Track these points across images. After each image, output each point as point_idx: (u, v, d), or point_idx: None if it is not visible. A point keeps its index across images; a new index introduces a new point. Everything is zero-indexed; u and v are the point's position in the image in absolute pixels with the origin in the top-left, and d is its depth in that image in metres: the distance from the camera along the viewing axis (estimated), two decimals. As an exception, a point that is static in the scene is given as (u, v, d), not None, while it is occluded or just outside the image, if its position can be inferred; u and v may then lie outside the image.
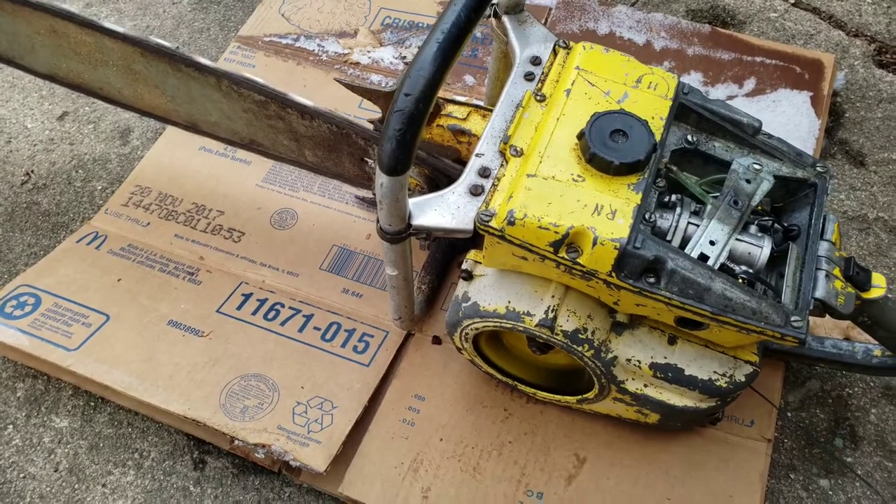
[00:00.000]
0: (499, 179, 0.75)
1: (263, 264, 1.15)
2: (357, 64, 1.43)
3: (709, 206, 0.78)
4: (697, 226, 0.76)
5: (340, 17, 1.50)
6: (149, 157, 1.37)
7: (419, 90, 0.61)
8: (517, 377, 0.96)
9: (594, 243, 0.69)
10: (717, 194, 0.79)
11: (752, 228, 0.79)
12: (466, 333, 0.87)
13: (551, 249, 0.71)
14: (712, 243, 0.75)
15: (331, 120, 1.00)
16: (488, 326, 0.83)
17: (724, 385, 0.79)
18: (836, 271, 0.78)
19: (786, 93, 1.24)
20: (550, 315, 0.78)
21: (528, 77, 0.83)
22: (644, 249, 0.69)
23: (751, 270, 0.76)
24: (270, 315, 1.08)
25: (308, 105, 0.99)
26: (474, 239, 0.87)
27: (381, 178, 0.64)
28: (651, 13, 1.37)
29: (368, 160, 1.04)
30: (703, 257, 0.74)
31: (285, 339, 1.06)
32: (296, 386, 1.01)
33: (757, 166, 0.81)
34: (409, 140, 0.62)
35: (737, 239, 0.76)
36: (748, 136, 0.82)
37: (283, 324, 1.08)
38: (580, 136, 0.73)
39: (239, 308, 1.09)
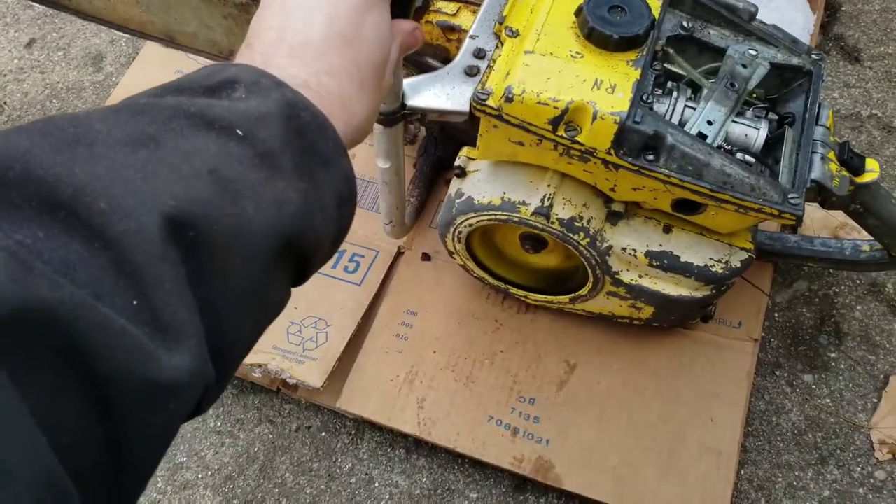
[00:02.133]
0: (494, 60, 0.72)
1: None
2: None
3: (705, 90, 0.76)
4: (694, 109, 0.74)
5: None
6: (124, 83, 1.31)
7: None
8: (509, 280, 0.94)
9: (594, 118, 0.66)
10: (714, 80, 0.77)
11: (749, 113, 0.77)
12: (459, 232, 0.84)
13: (550, 127, 0.68)
14: (710, 123, 0.73)
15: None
16: (482, 221, 0.81)
17: (720, 271, 0.78)
18: (831, 155, 0.77)
19: (781, -15, 1.21)
20: (546, 203, 0.76)
21: (521, -39, 0.79)
22: (644, 124, 0.67)
23: (748, 153, 0.74)
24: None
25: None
26: (466, 141, 0.84)
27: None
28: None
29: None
30: (702, 136, 0.72)
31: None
32: (289, 307, 0.97)
33: (753, 52, 0.79)
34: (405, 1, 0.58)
35: (733, 121, 0.75)
36: (744, 21, 0.80)
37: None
38: (578, 11, 0.70)
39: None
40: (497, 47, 0.73)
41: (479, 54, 0.73)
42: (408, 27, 0.54)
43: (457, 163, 0.83)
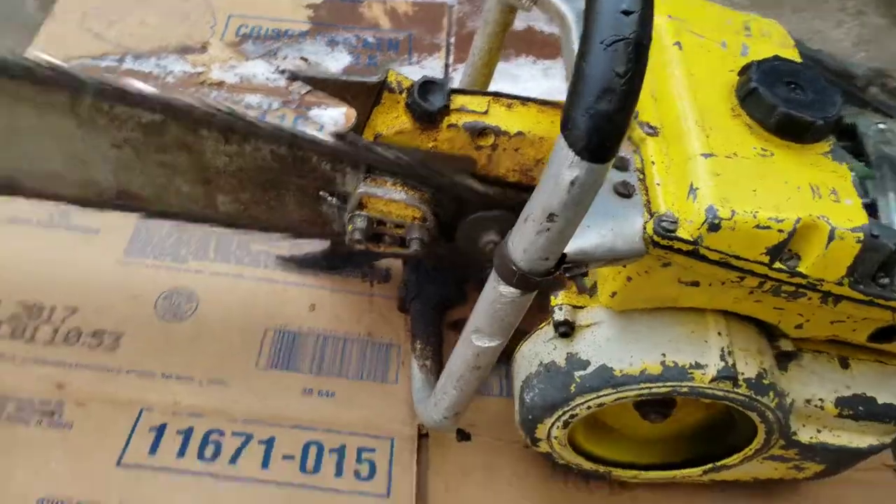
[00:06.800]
0: (643, 171, 0.52)
1: (168, 375, 0.78)
2: (221, 84, 1.12)
3: (860, 179, 0.62)
4: (864, 205, 0.59)
5: (176, 29, 1.18)
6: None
7: (641, 4, 0.36)
8: (615, 461, 0.71)
9: (830, 238, 0.48)
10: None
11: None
12: (572, 416, 0.61)
13: (767, 259, 0.49)
14: (910, 223, 0.58)
15: (281, 139, 0.69)
16: (625, 398, 0.58)
17: (926, 408, 0.63)
18: None
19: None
20: (729, 361, 0.55)
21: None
22: (884, 238, 0.50)
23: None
24: (208, 452, 0.72)
25: (244, 117, 0.67)
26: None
27: (573, 172, 0.38)
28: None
29: (328, 196, 0.74)
30: (909, 242, 0.57)
31: (246, 483, 0.70)
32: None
33: (882, 126, 0.67)
34: (634, 89, 0.36)
35: (914, 215, 0.61)
36: (859, 91, 0.69)
37: (233, 461, 0.72)
38: (748, 92, 0.53)
39: (153, 451, 0.71)
40: (634, 152, 0.53)
41: (621, 164, 0.52)
42: None
43: (558, 316, 0.60)
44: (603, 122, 0.36)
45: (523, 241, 0.43)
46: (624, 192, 0.50)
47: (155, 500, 0.67)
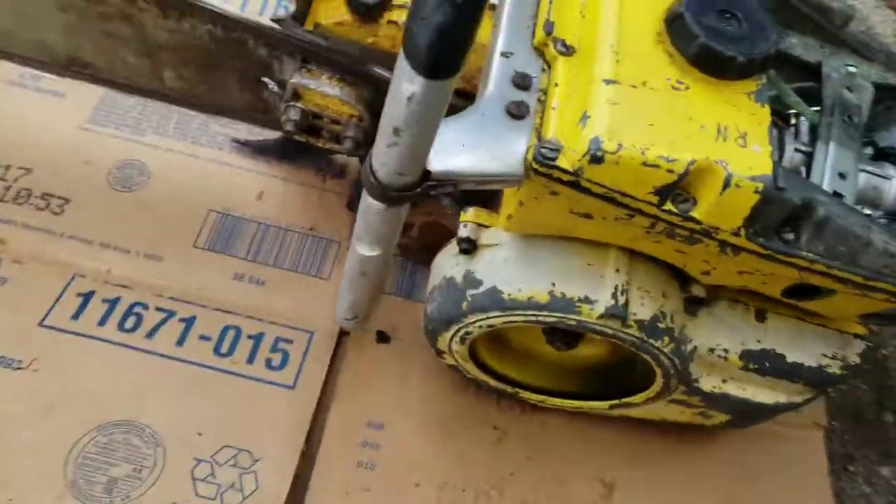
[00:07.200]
0: (546, 92, 0.49)
1: (106, 245, 0.79)
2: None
3: (811, 125, 0.58)
4: (807, 154, 0.56)
5: None
6: None
7: None
8: (521, 383, 0.71)
9: (726, 185, 0.45)
10: (816, 109, 0.59)
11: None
12: (467, 332, 0.61)
13: (656, 199, 0.46)
14: (842, 176, 0.54)
15: (216, 19, 0.67)
16: (513, 322, 0.57)
17: (838, 372, 0.61)
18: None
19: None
20: (621, 299, 0.54)
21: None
22: (790, 191, 0.47)
23: (880, 212, 0.57)
24: (128, 323, 0.74)
25: (175, -9, 0.65)
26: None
27: (411, 87, 0.36)
28: None
29: (269, 82, 0.73)
30: (836, 196, 0.53)
31: (159, 358, 0.73)
32: (189, 433, 0.69)
33: (852, 69, 0.62)
34: (476, 3, 0.33)
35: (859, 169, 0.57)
36: (835, 28, 0.63)
37: (150, 335, 0.74)
38: (673, 17, 0.49)
39: (76, 317, 0.73)
40: (543, 70, 0.50)
41: (522, 82, 0.49)
42: None
43: (462, 233, 0.59)
44: (438, 37, 0.33)
45: (379, 154, 0.41)
46: (517, 112, 0.47)
47: (67, 361, 0.70)
